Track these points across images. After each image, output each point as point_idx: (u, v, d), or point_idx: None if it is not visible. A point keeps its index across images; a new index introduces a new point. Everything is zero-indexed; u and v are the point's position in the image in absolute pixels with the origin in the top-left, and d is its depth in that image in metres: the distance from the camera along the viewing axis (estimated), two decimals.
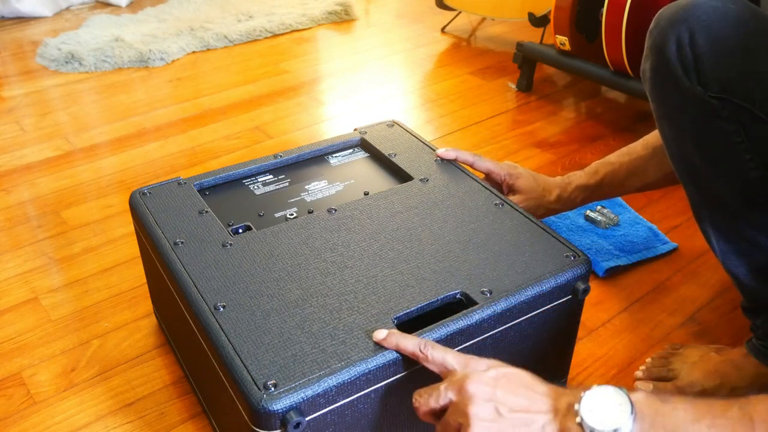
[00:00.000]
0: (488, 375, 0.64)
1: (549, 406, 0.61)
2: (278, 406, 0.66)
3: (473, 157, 1.04)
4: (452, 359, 0.67)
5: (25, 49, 2.13)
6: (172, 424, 0.93)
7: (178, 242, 0.87)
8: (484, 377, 0.63)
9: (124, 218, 1.34)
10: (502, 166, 1.05)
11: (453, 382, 0.64)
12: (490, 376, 0.63)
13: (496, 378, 0.63)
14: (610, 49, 1.53)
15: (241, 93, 1.86)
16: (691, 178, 0.84)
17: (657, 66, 0.80)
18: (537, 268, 0.83)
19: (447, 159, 1.03)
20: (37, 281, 1.18)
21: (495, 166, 1.05)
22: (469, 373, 0.64)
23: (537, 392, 0.62)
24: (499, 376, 0.63)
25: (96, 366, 1.02)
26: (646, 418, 0.56)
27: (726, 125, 0.76)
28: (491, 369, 0.64)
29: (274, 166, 1.05)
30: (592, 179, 1.06)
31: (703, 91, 0.76)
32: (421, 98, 1.85)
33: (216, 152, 1.58)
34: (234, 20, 2.29)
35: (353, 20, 2.38)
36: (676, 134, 0.82)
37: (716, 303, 1.13)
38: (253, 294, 0.79)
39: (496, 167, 1.05)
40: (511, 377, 0.64)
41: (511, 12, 2.02)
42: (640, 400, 0.57)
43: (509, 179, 1.04)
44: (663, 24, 0.79)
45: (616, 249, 1.22)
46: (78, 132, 1.66)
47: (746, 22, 0.76)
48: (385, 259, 0.84)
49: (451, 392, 0.64)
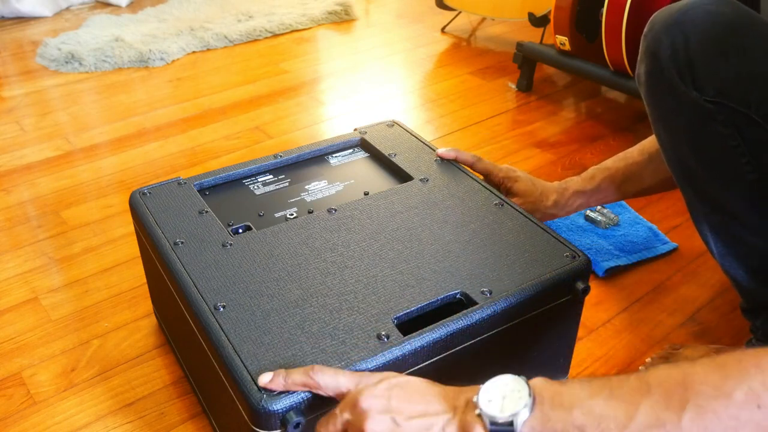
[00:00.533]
0: (380, 388, 0.62)
1: (446, 406, 0.59)
2: (278, 406, 0.66)
3: (473, 158, 1.04)
4: (344, 380, 0.65)
5: (25, 49, 2.13)
6: (172, 424, 0.93)
7: (178, 242, 0.87)
8: (375, 390, 0.62)
9: (124, 218, 1.34)
10: (501, 169, 1.05)
11: (346, 402, 0.63)
12: (382, 388, 0.62)
13: (389, 389, 0.62)
14: (610, 49, 1.53)
15: (241, 93, 1.86)
16: (688, 181, 0.84)
17: (652, 70, 0.80)
18: (537, 268, 0.83)
19: (447, 159, 1.03)
20: (37, 281, 1.18)
21: (494, 168, 1.05)
22: (360, 389, 0.63)
23: (432, 395, 0.61)
24: (391, 387, 0.62)
25: (96, 366, 1.02)
26: (545, 401, 0.55)
27: (721, 129, 0.76)
28: (383, 381, 0.63)
29: (274, 166, 1.05)
30: (589, 185, 1.06)
31: (698, 95, 0.76)
32: (421, 98, 1.85)
33: (216, 152, 1.58)
34: (234, 20, 2.29)
35: (353, 20, 2.39)
36: (671, 138, 0.82)
37: (716, 303, 1.13)
38: (253, 294, 0.79)
39: (495, 169, 1.05)
40: (404, 386, 0.62)
41: (511, 12, 2.02)
42: (538, 384, 0.57)
43: (507, 182, 1.04)
44: (657, 28, 0.79)
45: (616, 249, 1.22)
46: (78, 132, 1.66)
47: (740, 25, 0.76)
48: (385, 259, 0.84)
49: (346, 413, 0.62)
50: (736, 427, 0.48)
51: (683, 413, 0.50)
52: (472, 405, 0.58)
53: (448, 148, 1.04)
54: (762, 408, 0.48)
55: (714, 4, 0.77)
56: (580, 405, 0.53)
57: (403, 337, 0.73)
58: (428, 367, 0.75)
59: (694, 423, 0.49)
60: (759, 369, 0.49)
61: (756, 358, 0.50)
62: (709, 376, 0.50)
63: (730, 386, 0.49)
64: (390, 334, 0.73)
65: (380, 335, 0.73)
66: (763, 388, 0.49)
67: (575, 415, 0.53)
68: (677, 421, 0.50)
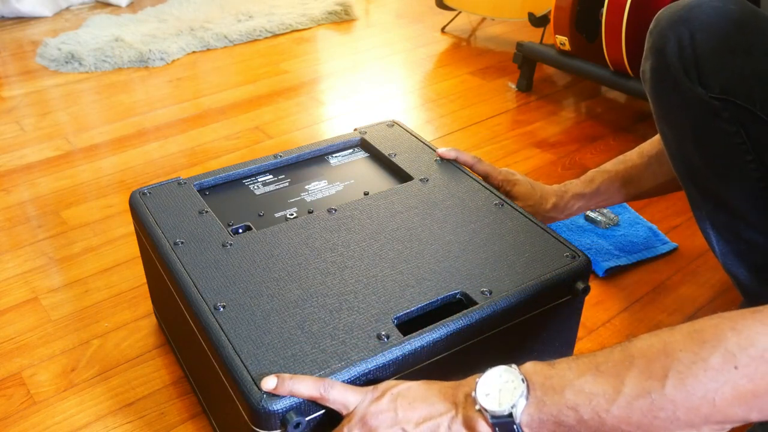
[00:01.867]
0: (384, 401, 0.64)
1: (448, 404, 0.62)
2: (278, 406, 0.66)
3: (473, 159, 1.04)
4: (352, 396, 0.67)
5: (25, 49, 2.13)
6: (172, 424, 0.93)
7: (178, 242, 0.87)
8: (381, 405, 0.64)
9: (124, 218, 1.34)
10: (501, 171, 1.05)
11: (355, 422, 0.65)
12: (386, 401, 0.64)
13: (392, 400, 0.64)
14: (610, 49, 1.53)
15: (241, 93, 1.86)
16: (691, 179, 0.84)
17: (657, 66, 0.80)
18: (537, 268, 0.83)
19: (447, 158, 1.03)
20: (37, 281, 1.18)
21: (493, 171, 1.04)
22: (366, 405, 0.65)
23: (433, 396, 0.63)
24: (394, 397, 0.64)
25: (96, 366, 1.02)
26: (537, 387, 0.57)
27: (727, 126, 0.76)
28: (385, 394, 0.65)
29: (274, 166, 1.05)
30: (588, 188, 1.06)
31: (704, 92, 0.76)
32: (421, 98, 1.85)
33: (216, 152, 1.58)
34: (234, 20, 2.29)
35: (353, 20, 2.39)
36: (676, 135, 0.82)
37: (716, 303, 1.13)
38: (253, 294, 0.79)
39: (495, 172, 1.04)
40: (406, 393, 0.64)
41: (511, 12, 2.02)
42: (529, 370, 0.59)
43: (506, 185, 1.04)
44: (663, 24, 0.79)
45: (616, 249, 1.22)
46: (78, 132, 1.66)
47: (747, 22, 0.76)
48: (385, 259, 0.84)
49: (356, 430, 0.64)
50: (716, 389, 0.51)
51: (666, 380, 0.52)
52: (471, 400, 0.60)
53: (448, 148, 1.04)
54: (739, 368, 0.50)
55: (720, 0, 0.76)
56: (570, 386, 0.56)
57: (403, 337, 0.73)
58: (428, 367, 0.75)
59: (676, 389, 0.51)
60: (735, 331, 0.51)
61: (732, 321, 0.52)
62: (687, 343, 0.53)
63: (707, 351, 0.51)
64: (390, 334, 0.73)
65: (380, 335, 0.73)
66: (738, 349, 0.51)
67: (567, 396, 0.56)
68: (661, 389, 0.52)
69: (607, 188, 1.05)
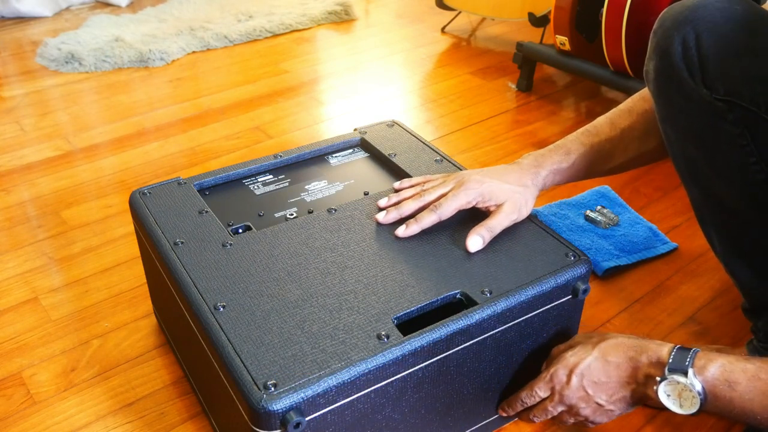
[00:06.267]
0: (573, 385, 0.80)
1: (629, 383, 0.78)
2: (278, 406, 0.66)
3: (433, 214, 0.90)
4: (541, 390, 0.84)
5: (25, 49, 2.13)
6: (172, 424, 0.93)
7: (178, 242, 0.87)
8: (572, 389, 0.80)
9: (124, 218, 1.34)
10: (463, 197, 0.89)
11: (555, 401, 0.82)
12: (575, 385, 0.80)
13: (580, 379, 0.80)
14: (610, 49, 1.53)
15: (241, 93, 1.86)
16: (694, 180, 0.83)
17: (661, 67, 0.79)
18: (537, 268, 0.83)
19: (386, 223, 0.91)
20: (37, 281, 1.18)
21: (458, 203, 0.89)
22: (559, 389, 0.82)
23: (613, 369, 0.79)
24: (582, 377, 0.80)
25: (96, 366, 1.02)
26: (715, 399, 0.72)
27: (731, 128, 0.75)
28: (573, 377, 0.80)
29: (274, 166, 1.05)
30: (566, 161, 0.94)
31: (709, 94, 0.75)
32: (421, 98, 1.85)
33: (216, 152, 1.58)
34: (234, 20, 2.29)
35: (353, 20, 2.38)
36: (679, 136, 0.82)
37: (716, 303, 1.13)
38: (253, 294, 0.79)
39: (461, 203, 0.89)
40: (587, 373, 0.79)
41: (511, 12, 2.02)
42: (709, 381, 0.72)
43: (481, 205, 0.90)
44: (668, 24, 0.78)
45: (616, 249, 1.22)
46: (78, 132, 1.66)
47: (752, 23, 0.75)
48: (385, 259, 0.84)
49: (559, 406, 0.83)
50: None
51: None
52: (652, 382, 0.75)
53: (388, 211, 0.92)
54: None
55: (725, 1, 0.76)
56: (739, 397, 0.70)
57: (403, 337, 0.73)
58: (428, 367, 0.75)
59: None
60: None
61: None
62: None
63: None
64: (390, 334, 0.73)
65: (380, 335, 0.73)
66: None
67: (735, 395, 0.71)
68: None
69: (580, 162, 0.95)
